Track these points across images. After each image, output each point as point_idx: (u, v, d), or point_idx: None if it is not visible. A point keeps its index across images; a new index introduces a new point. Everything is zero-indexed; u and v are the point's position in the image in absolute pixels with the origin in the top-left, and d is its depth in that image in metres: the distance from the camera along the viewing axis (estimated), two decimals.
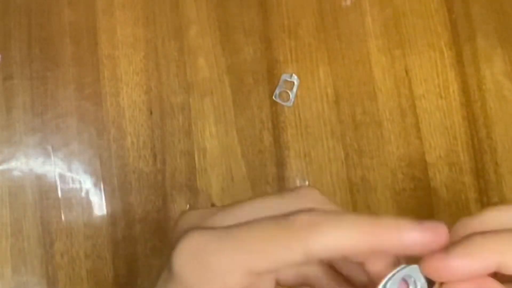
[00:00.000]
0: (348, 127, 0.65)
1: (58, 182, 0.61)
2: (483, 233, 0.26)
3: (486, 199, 0.63)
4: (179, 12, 0.66)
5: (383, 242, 0.25)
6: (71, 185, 0.61)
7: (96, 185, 0.62)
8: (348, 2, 0.68)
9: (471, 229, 0.27)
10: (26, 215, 0.60)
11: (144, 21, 0.66)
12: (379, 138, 0.65)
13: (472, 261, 0.25)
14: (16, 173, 0.61)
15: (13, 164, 0.61)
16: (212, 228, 0.27)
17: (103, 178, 0.62)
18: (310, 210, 0.26)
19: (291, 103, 0.65)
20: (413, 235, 0.25)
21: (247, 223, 0.26)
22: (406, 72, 0.67)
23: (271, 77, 0.66)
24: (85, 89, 0.64)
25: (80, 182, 0.61)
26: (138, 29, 0.66)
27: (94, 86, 0.64)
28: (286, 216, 0.26)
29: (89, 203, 0.61)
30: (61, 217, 0.61)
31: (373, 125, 0.65)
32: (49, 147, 0.62)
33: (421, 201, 0.64)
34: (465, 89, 0.66)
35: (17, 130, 0.62)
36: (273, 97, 0.66)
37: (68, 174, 0.61)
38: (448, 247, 0.26)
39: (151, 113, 0.64)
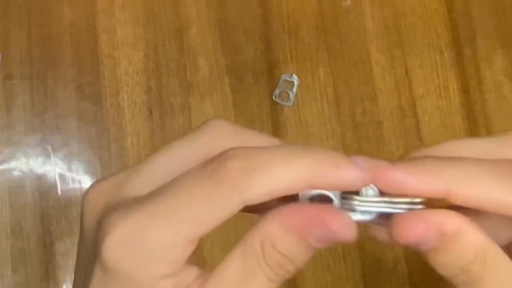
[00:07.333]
0: (348, 127, 0.65)
1: (58, 182, 0.61)
2: (436, 157, 0.24)
3: None
4: (179, 12, 0.66)
5: (320, 179, 0.23)
6: (71, 185, 0.61)
7: None
8: (348, 2, 0.68)
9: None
10: (26, 215, 0.60)
11: (144, 21, 0.66)
12: (379, 138, 0.65)
13: (418, 180, 0.23)
14: (16, 173, 0.61)
15: (13, 164, 0.61)
16: (134, 202, 0.24)
17: (103, 178, 0.62)
18: (235, 151, 0.23)
19: (291, 103, 0.65)
20: (352, 173, 0.23)
21: (170, 187, 0.24)
22: (406, 72, 0.67)
23: (271, 77, 0.66)
24: (85, 89, 0.64)
25: (80, 182, 0.61)
26: (138, 29, 0.66)
27: (94, 86, 0.64)
28: (211, 164, 0.23)
29: None
30: (61, 217, 0.60)
31: (373, 125, 0.65)
32: (49, 147, 0.62)
33: None
34: (465, 89, 0.66)
35: (17, 130, 0.62)
36: (273, 97, 0.65)
37: (68, 174, 0.61)
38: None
39: (151, 113, 0.64)
